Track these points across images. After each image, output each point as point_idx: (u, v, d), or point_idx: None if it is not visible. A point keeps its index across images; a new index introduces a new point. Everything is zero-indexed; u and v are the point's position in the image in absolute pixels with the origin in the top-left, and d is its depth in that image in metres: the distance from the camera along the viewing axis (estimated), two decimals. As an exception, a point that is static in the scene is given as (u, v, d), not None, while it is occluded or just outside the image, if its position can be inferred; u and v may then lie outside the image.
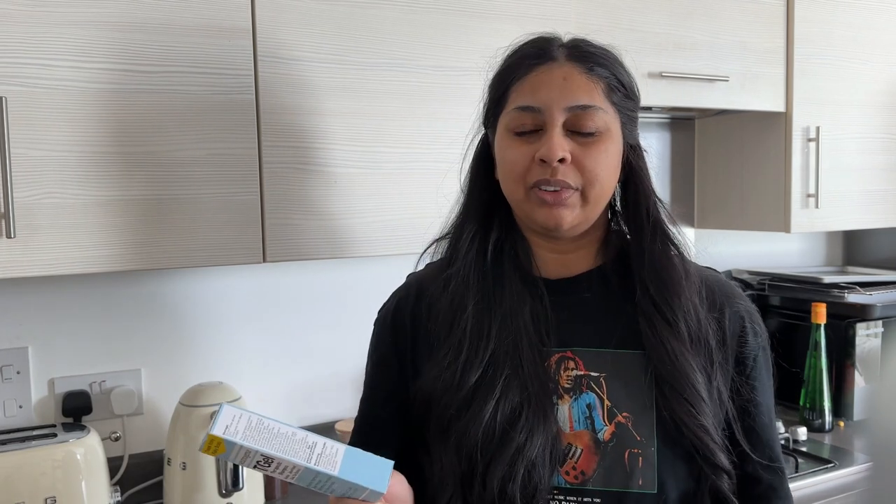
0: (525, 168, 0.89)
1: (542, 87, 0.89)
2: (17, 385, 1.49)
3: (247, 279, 1.69)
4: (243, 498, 1.43)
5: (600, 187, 0.90)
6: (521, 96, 0.90)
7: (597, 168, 0.89)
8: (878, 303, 2.04)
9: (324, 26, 1.36)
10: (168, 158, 1.24)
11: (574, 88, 0.89)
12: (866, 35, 2.03)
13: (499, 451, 0.87)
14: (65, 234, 1.18)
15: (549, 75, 0.89)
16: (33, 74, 1.15)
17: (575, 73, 0.89)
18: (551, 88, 0.89)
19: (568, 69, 0.90)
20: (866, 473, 1.70)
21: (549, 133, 0.88)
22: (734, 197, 2.14)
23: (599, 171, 0.89)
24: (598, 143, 0.89)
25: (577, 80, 0.89)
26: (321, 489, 0.80)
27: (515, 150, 0.90)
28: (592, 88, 0.89)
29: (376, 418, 1.02)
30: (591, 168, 0.89)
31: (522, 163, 0.89)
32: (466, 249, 0.96)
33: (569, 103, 0.88)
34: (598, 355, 0.92)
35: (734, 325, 0.96)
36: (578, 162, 0.88)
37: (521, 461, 0.86)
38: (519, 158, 0.90)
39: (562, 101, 0.88)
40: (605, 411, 0.90)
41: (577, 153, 0.88)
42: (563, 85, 0.89)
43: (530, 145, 0.89)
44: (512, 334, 0.91)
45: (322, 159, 1.37)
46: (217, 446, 0.76)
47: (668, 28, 1.73)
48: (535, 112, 0.89)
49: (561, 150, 0.87)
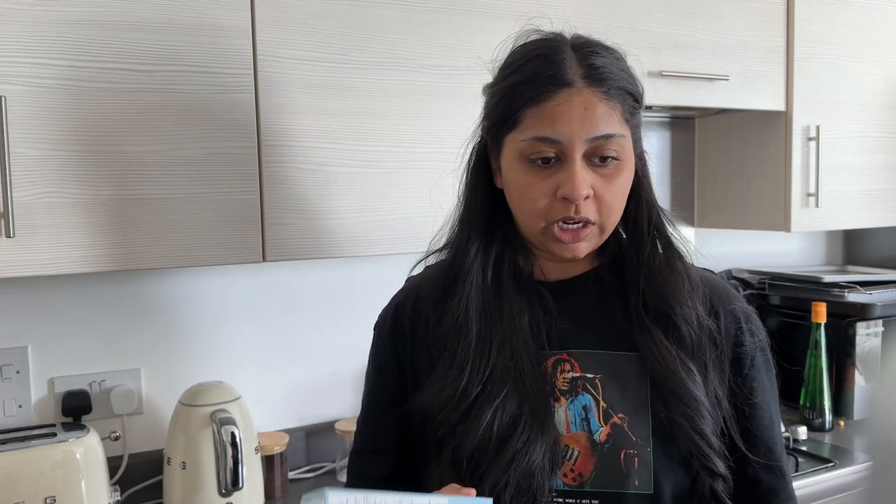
0: (547, 205, 0.87)
1: (563, 118, 0.85)
2: (16, 385, 1.49)
3: (246, 279, 1.69)
4: (243, 497, 1.43)
5: (616, 216, 0.91)
6: (540, 126, 0.86)
7: (615, 201, 0.89)
8: (879, 302, 2.04)
9: (324, 25, 1.35)
10: (168, 158, 1.24)
11: (596, 120, 0.85)
12: (867, 34, 2.02)
13: (494, 459, 0.86)
14: (64, 234, 1.18)
15: (568, 105, 0.85)
16: (33, 73, 1.15)
17: (595, 100, 0.86)
18: (572, 120, 0.85)
19: (587, 97, 0.86)
20: (866, 473, 1.70)
21: (570, 168, 0.85)
22: (734, 196, 2.13)
23: (617, 204, 0.89)
24: (618, 173, 0.88)
25: (597, 108, 0.86)
26: None
27: (535, 186, 0.87)
28: (612, 115, 0.87)
29: (378, 425, 1.02)
30: (611, 201, 0.88)
31: (543, 200, 0.87)
32: (468, 269, 0.94)
33: (590, 135, 0.85)
34: (594, 357, 0.92)
35: (730, 327, 0.96)
36: (599, 196, 0.87)
37: (515, 468, 0.85)
38: (539, 196, 0.87)
39: (583, 133, 0.85)
40: (601, 412, 0.90)
41: (598, 186, 0.87)
42: (583, 115, 0.85)
43: (549, 179, 0.87)
44: (512, 349, 0.91)
45: (322, 159, 1.37)
46: None
47: (668, 27, 1.73)
48: (554, 143, 0.86)
49: (585, 187, 0.85)
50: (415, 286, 1.02)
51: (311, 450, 1.75)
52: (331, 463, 1.74)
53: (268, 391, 1.72)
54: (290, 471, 1.68)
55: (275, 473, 1.59)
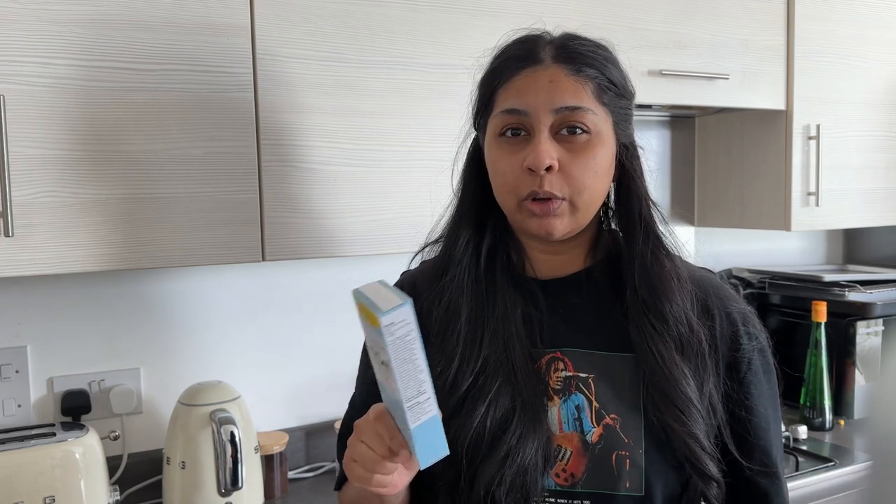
0: (515, 178, 0.88)
1: (529, 89, 0.88)
2: (15, 384, 1.49)
3: (246, 278, 1.69)
4: (242, 497, 1.43)
5: (588, 195, 0.89)
6: (508, 99, 0.89)
7: (584, 176, 0.88)
8: (879, 301, 2.04)
9: (323, 24, 1.35)
10: (167, 157, 1.24)
11: (561, 90, 0.87)
12: (867, 33, 2.02)
13: (488, 455, 0.86)
14: (63, 233, 1.18)
15: (534, 77, 0.88)
16: (32, 73, 1.15)
17: (562, 74, 0.88)
18: (538, 91, 0.87)
19: (554, 71, 0.88)
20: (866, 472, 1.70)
21: (536, 138, 0.87)
22: (734, 195, 2.13)
23: (587, 179, 0.88)
24: (587, 148, 0.88)
25: (563, 81, 0.87)
26: (393, 412, 0.80)
27: (505, 160, 0.89)
28: (580, 89, 0.88)
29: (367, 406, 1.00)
30: (579, 176, 0.88)
31: (512, 173, 0.89)
32: (460, 257, 0.95)
33: (555, 105, 0.87)
34: (587, 356, 0.92)
35: (726, 329, 0.95)
36: (566, 170, 0.87)
37: (510, 465, 0.85)
38: (508, 169, 0.89)
39: (548, 103, 0.87)
40: (594, 413, 0.89)
41: (565, 160, 0.87)
42: (549, 87, 0.87)
43: (518, 154, 0.88)
44: (504, 341, 0.91)
45: (321, 158, 1.37)
46: (370, 319, 0.75)
47: (668, 26, 1.72)
48: (521, 115, 0.88)
49: (548, 157, 0.86)
50: (410, 279, 1.03)
51: (311, 449, 1.75)
52: (330, 462, 1.74)
53: (267, 390, 1.72)
54: (290, 470, 1.68)
55: (274, 473, 1.59)
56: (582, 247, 0.96)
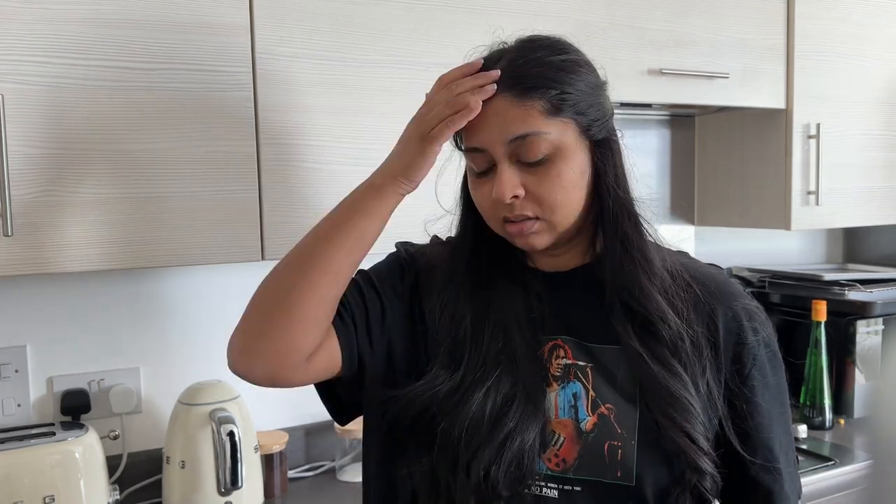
0: (490, 207, 0.91)
1: (480, 125, 0.88)
2: (15, 384, 1.49)
3: (245, 277, 1.67)
4: (242, 496, 1.43)
5: (562, 211, 0.90)
6: (468, 137, 0.91)
7: (552, 195, 0.89)
8: (879, 300, 2.04)
9: (323, 23, 1.35)
10: (166, 156, 1.24)
11: (508, 122, 0.87)
12: (867, 32, 2.02)
13: (488, 438, 0.87)
14: (62, 232, 1.18)
15: (484, 112, 0.87)
16: (30, 72, 1.15)
17: (505, 105, 0.87)
18: (488, 126, 0.88)
19: (498, 103, 0.87)
20: (867, 471, 1.70)
21: (497, 172, 0.89)
22: (734, 194, 2.13)
23: (556, 197, 0.89)
24: (549, 168, 0.88)
25: (510, 112, 0.87)
26: None
27: (478, 192, 0.93)
28: (527, 115, 0.87)
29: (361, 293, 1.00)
30: (546, 197, 0.89)
31: (487, 203, 0.91)
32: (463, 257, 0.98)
33: (506, 138, 0.87)
34: (586, 347, 0.93)
35: (729, 324, 0.95)
36: (533, 193, 0.88)
37: (509, 447, 0.86)
38: (482, 199, 0.92)
39: (500, 136, 0.87)
40: (590, 402, 0.91)
41: (531, 184, 0.88)
42: (496, 121, 0.87)
43: (488, 184, 0.90)
44: (505, 328, 0.93)
45: (321, 157, 1.36)
46: None
47: (667, 25, 1.72)
48: (480, 152, 0.90)
49: (510, 189, 0.87)
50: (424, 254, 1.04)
51: (311, 448, 1.75)
52: (330, 462, 1.74)
53: (267, 390, 1.71)
54: (290, 470, 1.68)
55: (274, 472, 1.59)
56: (581, 244, 0.97)
